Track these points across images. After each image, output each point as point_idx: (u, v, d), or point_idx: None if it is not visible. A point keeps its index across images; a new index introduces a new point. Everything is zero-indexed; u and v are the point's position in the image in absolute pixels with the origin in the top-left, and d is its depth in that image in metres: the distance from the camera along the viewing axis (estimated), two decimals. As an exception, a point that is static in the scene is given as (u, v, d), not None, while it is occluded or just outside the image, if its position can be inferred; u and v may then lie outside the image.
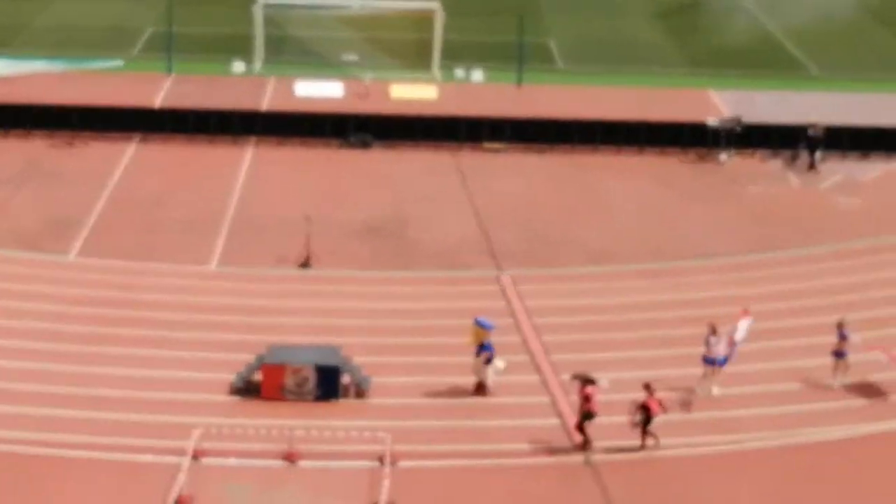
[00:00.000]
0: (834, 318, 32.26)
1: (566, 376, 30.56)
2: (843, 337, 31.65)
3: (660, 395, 28.60)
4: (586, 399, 28.26)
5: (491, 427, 29.33)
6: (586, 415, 28.32)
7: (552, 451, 28.55)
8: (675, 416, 29.99)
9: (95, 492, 26.76)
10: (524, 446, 28.56)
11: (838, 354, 31.67)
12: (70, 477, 27.19)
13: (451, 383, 31.10)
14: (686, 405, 30.51)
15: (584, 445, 28.36)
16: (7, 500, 26.36)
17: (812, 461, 28.64)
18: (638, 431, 28.47)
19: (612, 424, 28.55)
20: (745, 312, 31.75)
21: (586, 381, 28.63)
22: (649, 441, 28.52)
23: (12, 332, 32.80)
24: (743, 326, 31.39)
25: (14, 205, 40.71)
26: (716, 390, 31.06)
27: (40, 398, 29.89)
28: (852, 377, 31.58)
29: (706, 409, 30.47)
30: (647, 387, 28.63)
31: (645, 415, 28.38)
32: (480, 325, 30.88)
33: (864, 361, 31.91)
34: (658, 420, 28.35)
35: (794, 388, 31.57)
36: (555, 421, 29.31)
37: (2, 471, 27.14)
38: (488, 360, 30.57)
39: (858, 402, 31.07)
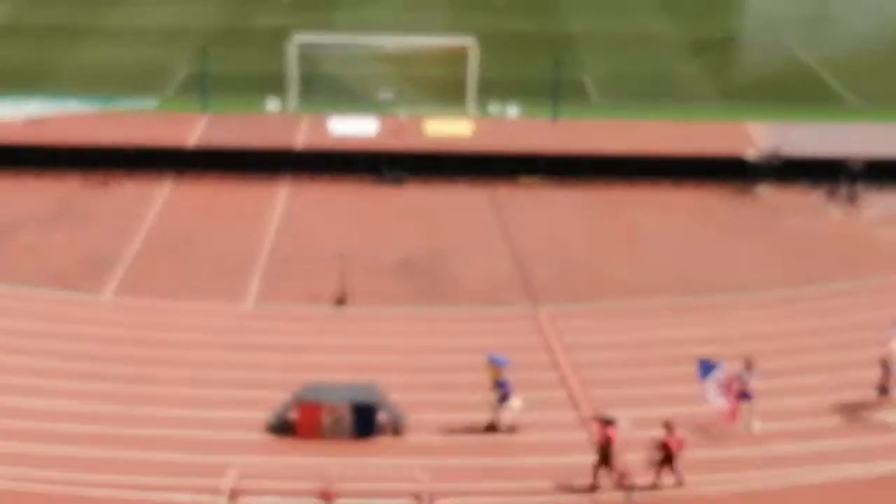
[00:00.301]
0: (876, 353, 32.31)
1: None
2: (887, 371, 31.61)
3: (679, 433, 28.64)
4: (608, 441, 28.36)
5: (528, 465, 29.39)
6: (605, 455, 28.42)
7: (591, 488, 28.59)
8: (716, 452, 30.13)
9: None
10: (562, 484, 28.60)
11: (883, 390, 31.61)
12: (108, 516, 27.50)
13: (489, 421, 31.19)
14: (722, 441, 30.60)
15: (594, 488, 28.36)
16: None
17: (855, 497, 28.61)
18: (657, 469, 28.49)
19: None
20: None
21: (607, 422, 28.75)
22: (657, 478, 28.52)
23: (49, 372, 33.14)
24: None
25: (49, 245, 41.12)
26: (756, 426, 31.07)
27: (78, 438, 30.18)
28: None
29: (747, 445, 30.51)
30: (667, 425, 28.68)
31: (664, 453, 28.45)
32: (494, 363, 31.08)
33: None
34: (682, 457, 28.42)
35: (836, 424, 31.53)
36: (593, 458, 29.32)
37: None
38: (503, 399, 30.72)
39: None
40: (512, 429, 30.79)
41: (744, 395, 31.29)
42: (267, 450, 30.10)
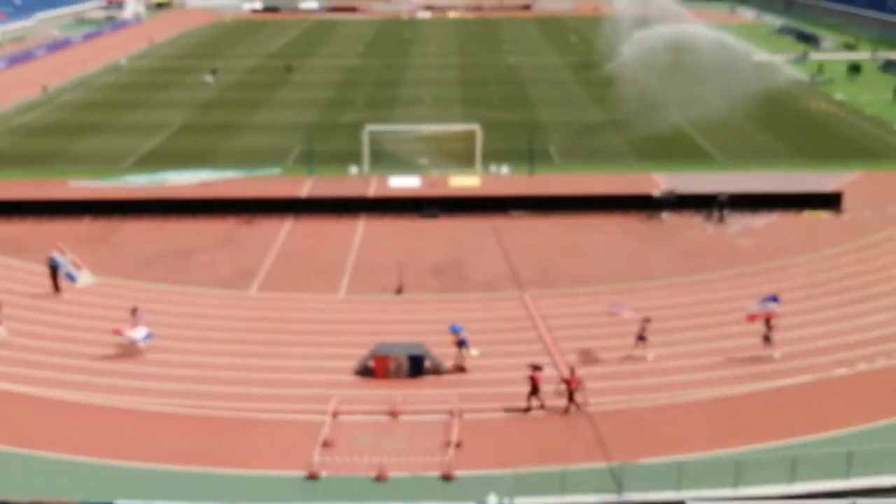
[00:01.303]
0: (739, 316, 31.93)
1: (571, 357, 30.35)
2: (769, 326, 31.24)
3: (578, 374, 28.43)
4: (533, 380, 28.08)
5: (520, 392, 29.10)
6: (534, 389, 28.13)
7: (559, 407, 28.39)
8: (630, 381, 29.88)
9: (275, 438, 27.01)
10: (539, 403, 28.43)
11: (766, 339, 31.12)
12: (255, 430, 27.39)
13: (496, 365, 30.99)
14: (634, 374, 30.29)
15: (528, 409, 28.02)
16: (220, 444, 26.70)
17: (729, 408, 28.38)
18: (566, 399, 28.19)
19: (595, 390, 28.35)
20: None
21: (535, 367, 28.58)
22: (572, 406, 28.11)
23: (216, 339, 33.18)
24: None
25: (216, 261, 41.03)
26: (651, 355, 31.03)
27: (232, 381, 30.22)
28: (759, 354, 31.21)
29: (654, 376, 30.19)
30: (571, 369, 28.39)
31: (567, 388, 28.07)
32: (452, 330, 30.93)
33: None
34: (581, 390, 28.21)
35: (716, 361, 31.19)
36: (562, 387, 28.99)
37: (212, 428, 27.51)
38: (461, 346, 30.61)
39: (762, 367, 30.70)
40: (465, 370, 30.56)
41: (641, 338, 31.11)
42: (355, 385, 30.01)
